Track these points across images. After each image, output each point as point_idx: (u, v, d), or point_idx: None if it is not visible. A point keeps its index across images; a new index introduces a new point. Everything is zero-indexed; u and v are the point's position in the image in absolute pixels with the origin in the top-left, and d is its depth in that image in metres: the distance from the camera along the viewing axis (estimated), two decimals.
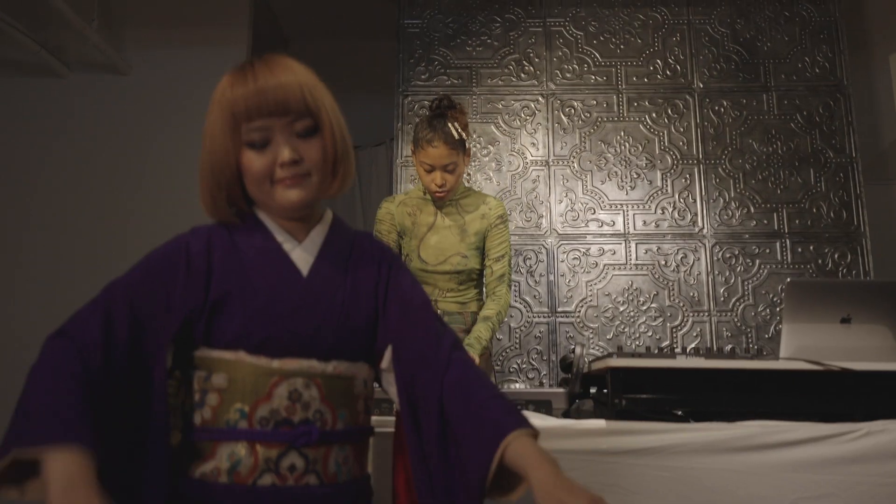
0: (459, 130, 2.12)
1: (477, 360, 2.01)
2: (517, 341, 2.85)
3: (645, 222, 2.93)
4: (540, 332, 2.87)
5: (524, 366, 2.84)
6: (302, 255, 1.11)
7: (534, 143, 3.00)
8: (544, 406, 1.74)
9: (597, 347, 2.85)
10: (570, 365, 1.94)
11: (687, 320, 2.85)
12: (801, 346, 1.82)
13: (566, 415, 1.76)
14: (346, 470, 1.08)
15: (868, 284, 2.36)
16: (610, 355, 1.79)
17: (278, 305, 1.06)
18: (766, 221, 2.92)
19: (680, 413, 1.70)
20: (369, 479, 1.18)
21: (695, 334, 2.84)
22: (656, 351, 1.82)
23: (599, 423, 1.65)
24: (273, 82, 1.02)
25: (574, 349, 1.92)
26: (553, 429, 1.63)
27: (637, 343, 2.84)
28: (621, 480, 1.61)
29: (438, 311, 2.20)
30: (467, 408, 1.01)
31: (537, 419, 1.64)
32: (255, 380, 1.03)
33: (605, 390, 1.76)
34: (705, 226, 2.92)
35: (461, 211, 2.24)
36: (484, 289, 2.27)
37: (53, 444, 0.83)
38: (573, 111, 3.02)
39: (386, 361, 1.12)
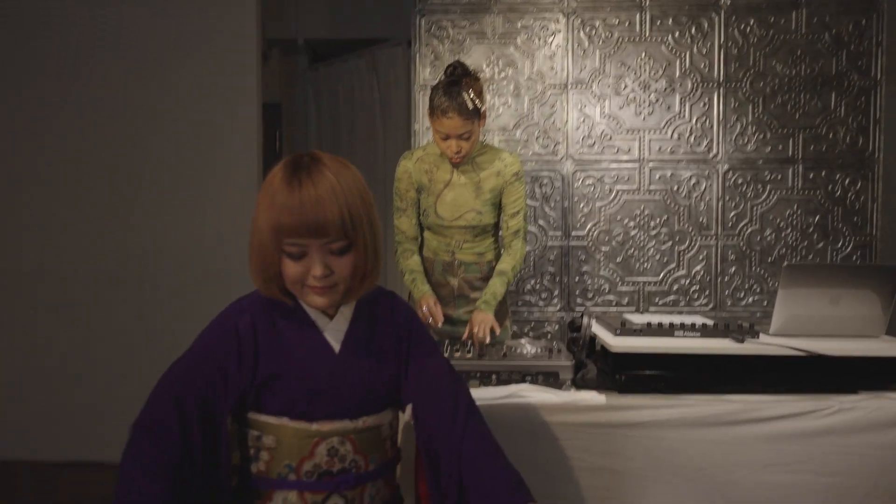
0: (474, 99, 2.14)
1: (494, 322, 2.19)
2: (532, 264, 3.02)
3: (660, 148, 2.96)
4: (553, 256, 3.02)
5: (538, 287, 3.03)
6: (333, 333, 1.27)
7: (552, 68, 2.97)
8: (552, 377, 1.94)
9: (607, 270, 3.01)
10: (578, 328, 2.12)
11: (694, 244, 2.97)
12: (792, 315, 1.98)
13: (573, 382, 1.95)
14: (379, 497, 1.32)
15: (858, 268, 2.44)
16: (616, 333, 1.96)
17: (315, 382, 1.24)
18: (780, 147, 2.95)
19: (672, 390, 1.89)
20: (398, 490, 1.42)
21: (700, 258, 2.98)
22: (657, 325, 1.97)
23: (599, 399, 1.86)
24: (315, 211, 1.12)
25: (582, 316, 2.09)
26: (558, 405, 1.85)
27: (645, 265, 2.99)
28: (617, 450, 1.85)
29: (456, 262, 2.37)
30: (482, 484, 1.21)
31: (547, 393, 1.85)
32: (299, 442, 1.24)
33: (608, 360, 1.95)
34: (720, 152, 2.95)
35: (476, 168, 2.32)
36: (500, 240, 2.40)
37: None
38: (594, 31, 2.95)
39: (407, 415, 1.32)
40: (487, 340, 2.14)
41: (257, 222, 1.17)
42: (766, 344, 1.88)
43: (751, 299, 2.98)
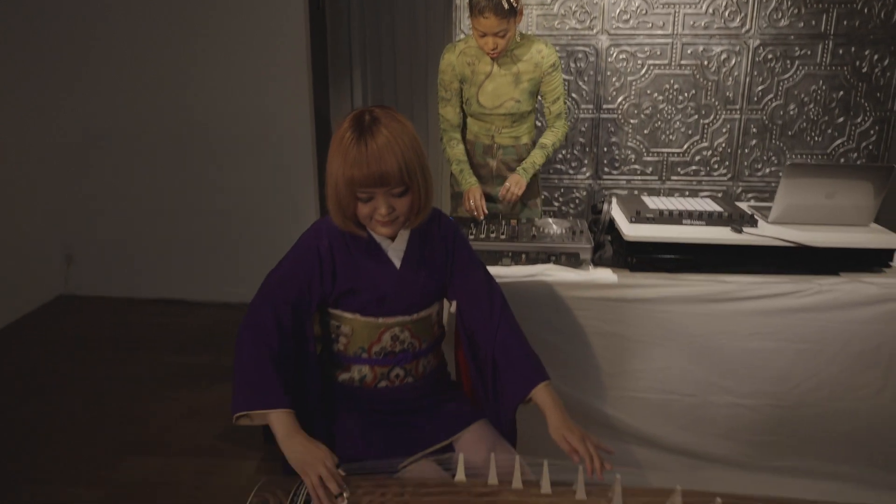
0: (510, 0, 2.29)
1: (524, 186, 2.49)
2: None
3: (694, 24, 3.04)
4: (584, 127, 3.23)
5: (569, 157, 3.27)
6: (395, 252, 1.61)
7: None
8: (573, 257, 2.26)
9: (634, 141, 3.22)
10: (599, 212, 2.42)
11: (719, 117, 3.15)
12: (790, 205, 2.24)
13: (592, 261, 2.28)
14: (430, 367, 1.72)
15: (853, 167, 2.58)
16: (631, 220, 2.25)
17: (381, 291, 1.60)
18: (813, 23, 3.00)
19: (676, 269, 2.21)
20: (445, 364, 1.82)
21: (724, 130, 3.16)
22: (668, 213, 2.25)
23: (612, 278, 2.21)
24: (380, 166, 1.41)
25: (604, 205, 2.38)
26: (577, 282, 2.20)
27: (671, 137, 3.19)
28: (625, 320, 2.22)
29: (495, 145, 2.63)
30: (512, 362, 1.59)
31: (564, 273, 2.20)
32: (369, 332, 1.62)
33: (622, 244, 2.26)
34: (752, 27, 3.03)
35: (515, 60, 2.51)
36: (537, 123, 2.63)
37: (273, 407, 1.45)
38: None
39: (453, 308, 1.69)
40: (513, 199, 2.45)
41: (332, 174, 1.46)
42: (760, 235, 2.17)
43: (768, 170, 3.19)
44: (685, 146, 3.20)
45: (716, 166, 3.21)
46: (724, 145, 3.18)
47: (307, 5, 3.76)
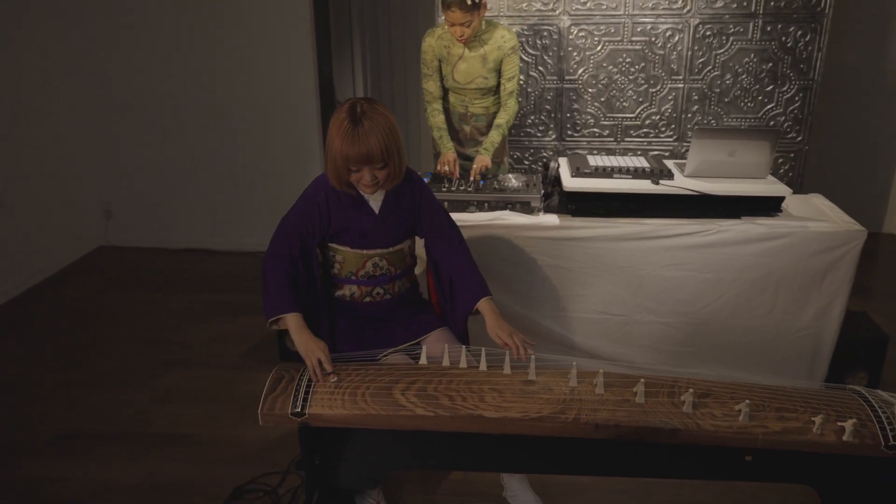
0: None
1: (489, 162, 3.01)
2: (533, 103, 3.74)
3: (643, 5, 3.51)
4: (550, 96, 3.73)
5: (537, 121, 3.78)
6: (375, 202, 2.15)
7: None
8: (526, 205, 2.80)
9: (593, 107, 3.72)
10: (547, 168, 2.95)
11: (665, 87, 3.64)
12: (702, 161, 2.76)
13: (541, 208, 2.82)
14: (404, 287, 2.28)
15: (748, 130, 3.04)
16: (572, 175, 2.78)
17: (364, 230, 2.14)
18: (745, 3, 3.46)
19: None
20: (417, 285, 2.38)
21: (670, 98, 3.65)
22: (602, 168, 2.77)
23: (555, 221, 2.74)
24: (367, 148, 1.94)
25: (551, 163, 2.91)
26: (527, 225, 2.74)
27: (625, 104, 3.69)
28: (567, 255, 2.76)
29: (468, 113, 3.15)
30: (464, 281, 2.14)
31: (518, 217, 2.74)
32: (356, 260, 2.18)
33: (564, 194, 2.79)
34: (693, 8, 3.50)
35: (482, 44, 3.02)
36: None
37: (287, 312, 2.01)
38: None
39: (422, 244, 2.24)
40: (479, 175, 2.97)
41: (331, 151, 1.98)
42: (673, 185, 2.70)
43: None
44: (637, 112, 3.70)
45: (663, 129, 3.71)
46: (670, 111, 3.67)
47: None
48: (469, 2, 2.80)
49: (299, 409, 1.87)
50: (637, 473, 2.07)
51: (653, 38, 3.57)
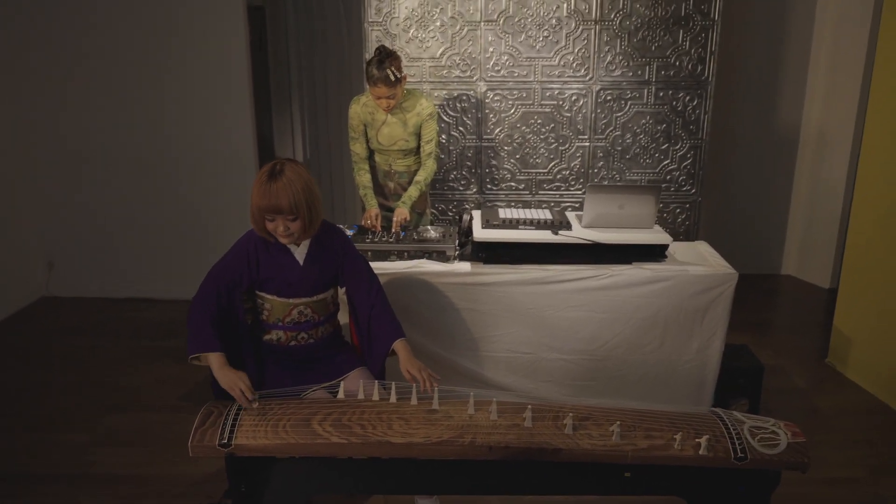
0: (395, 72, 3.13)
1: (408, 215, 3.31)
2: (455, 160, 4.09)
3: (550, 73, 3.92)
4: (470, 153, 4.09)
5: (458, 176, 4.12)
6: (299, 254, 2.41)
7: (469, 9, 3.85)
8: (442, 254, 3.10)
9: (510, 163, 4.08)
10: (462, 222, 3.26)
11: (573, 145, 4.03)
12: (596, 214, 3.10)
13: (456, 257, 3.12)
14: (327, 332, 2.53)
15: (634, 186, 3.47)
16: (482, 227, 3.10)
17: (290, 280, 2.40)
18: (640, 72, 3.90)
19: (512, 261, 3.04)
20: (340, 330, 2.64)
21: (577, 155, 4.04)
22: (509, 221, 3.09)
23: (467, 268, 3.04)
24: (277, 200, 2.21)
25: (465, 215, 3.23)
26: (443, 272, 3.02)
27: (537, 160, 4.06)
28: (478, 299, 3.05)
29: (392, 171, 3.46)
30: (381, 325, 2.41)
31: (435, 265, 3.03)
32: (283, 307, 2.42)
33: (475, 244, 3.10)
34: (594, 76, 3.92)
35: (403, 111, 3.35)
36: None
37: (209, 350, 2.24)
38: None
39: (343, 293, 2.52)
40: (399, 227, 3.26)
41: (252, 202, 2.26)
42: (571, 235, 3.03)
43: None
44: (549, 167, 4.07)
45: (573, 182, 4.09)
46: (578, 166, 4.06)
47: (248, 51, 4.57)
48: (392, 78, 3.13)
49: (226, 440, 2.10)
50: (530, 491, 2.35)
51: (560, 102, 3.96)
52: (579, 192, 4.09)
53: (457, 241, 3.15)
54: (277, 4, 5.23)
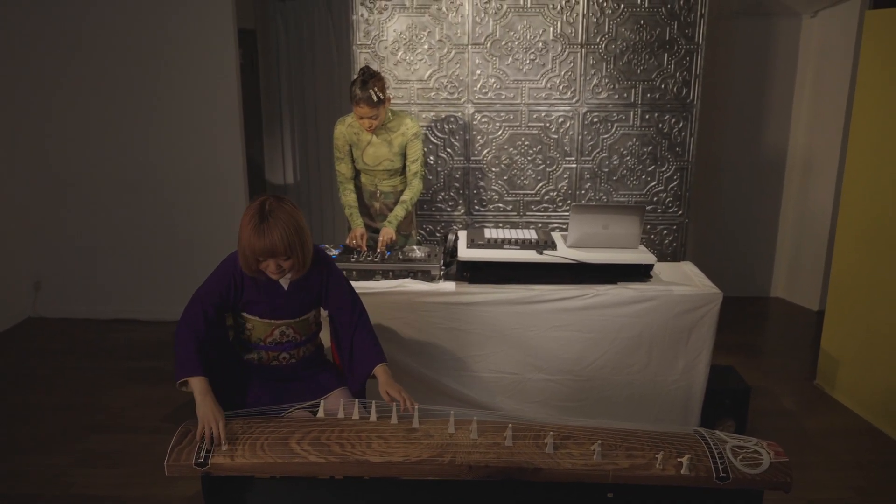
0: (378, 93, 3.15)
1: (393, 234, 3.31)
2: (443, 181, 4.10)
3: (537, 95, 3.95)
4: (458, 174, 4.10)
5: (446, 197, 4.13)
6: (284, 280, 2.39)
7: (457, 33, 3.88)
8: (427, 273, 3.09)
9: (497, 185, 4.09)
10: (447, 242, 3.26)
11: (560, 167, 4.05)
12: (581, 234, 3.10)
13: (441, 276, 3.11)
14: (308, 352, 2.52)
15: (618, 206, 3.50)
16: (467, 246, 3.10)
17: (274, 304, 2.38)
18: (625, 95, 3.94)
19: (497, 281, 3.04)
20: (322, 348, 2.62)
21: (565, 177, 4.06)
22: (494, 241, 3.09)
23: (452, 287, 3.03)
24: (271, 243, 2.18)
25: (450, 235, 3.23)
26: (427, 291, 3.02)
27: (525, 181, 4.08)
28: (463, 318, 3.04)
29: (378, 191, 3.47)
30: (362, 349, 2.40)
31: (420, 285, 3.02)
32: (265, 328, 2.41)
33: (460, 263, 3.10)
34: (581, 98, 3.95)
35: (388, 131, 3.36)
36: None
37: (193, 375, 2.22)
38: (489, 3, 3.84)
39: (325, 314, 2.50)
40: (385, 247, 3.25)
41: (241, 242, 2.21)
42: (554, 255, 3.03)
43: None
44: (536, 188, 4.09)
45: (560, 204, 4.10)
46: (565, 187, 4.07)
47: (238, 74, 4.60)
48: (375, 98, 3.15)
49: (202, 460, 2.07)
50: None
51: (547, 124, 3.99)
52: (567, 213, 4.09)
53: (442, 261, 3.14)
54: (268, 28, 5.28)
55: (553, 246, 3.11)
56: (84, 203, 4.73)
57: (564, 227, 4.09)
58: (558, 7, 3.85)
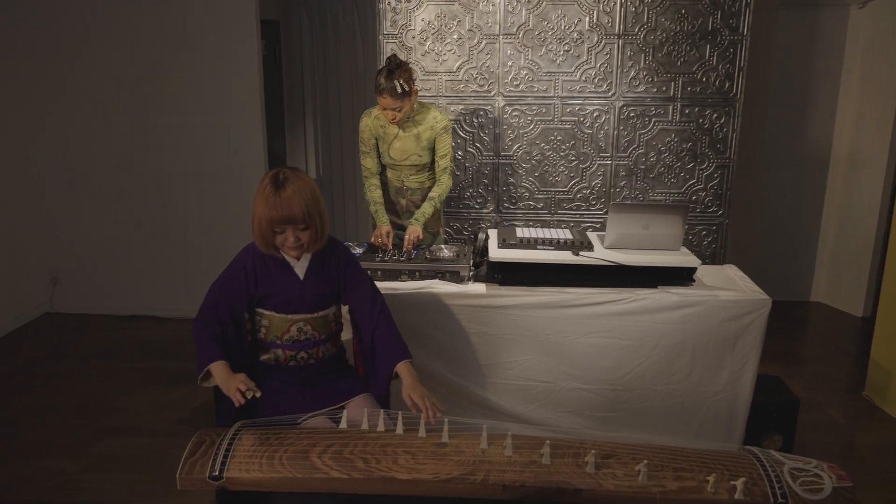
0: (403, 84, 2.98)
1: (420, 232, 3.15)
2: (471, 177, 3.94)
3: (571, 88, 3.77)
4: (487, 171, 3.93)
5: (475, 194, 3.96)
6: (300, 268, 2.26)
7: (488, 22, 3.71)
8: (455, 274, 2.93)
9: (528, 181, 3.92)
10: (476, 241, 3.10)
11: (594, 163, 3.86)
12: (619, 234, 2.92)
13: (470, 277, 2.95)
14: (329, 352, 2.37)
15: (660, 205, 3.30)
16: (499, 246, 2.93)
17: (290, 296, 2.25)
18: (664, 88, 3.74)
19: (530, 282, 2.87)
20: (344, 352, 2.47)
21: (599, 174, 3.87)
22: (527, 240, 2.92)
23: (482, 289, 2.87)
24: (289, 210, 2.07)
25: (480, 234, 3.06)
26: (456, 293, 2.85)
27: (557, 178, 3.90)
28: (492, 322, 2.88)
29: (404, 187, 3.31)
30: (385, 346, 2.25)
31: (448, 286, 2.86)
32: (281, 324, 2.27)
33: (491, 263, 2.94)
34: (617, 91, 3.76)
35: (415, 124, 3.20)
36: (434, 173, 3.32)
37: (214, 361, 2.09)
38: None
39: (346, 311, 2.35)
40: (411, 245, 3.09)
41: (256, 215, 2.11)
42: (592, 256, 2.86)
43: None
44: (569, 186, 3.91)
45: (594, 202, 3.91)
46: (599, 185, 3.89)
47: (260, 65, 4.46)
48: (399, 90, 2.99)
49: (217, 473, 1.93)
50: None
51: (581, 118, 3.80)
52: (601, 213, 3.91)
53: (471, 262, 2.98)
54: (292, 18, 5.14)
55: (589, 247, 2.93)
56: (102, 198, 4.63)
57: (598, 226, 3.91)
58: None
